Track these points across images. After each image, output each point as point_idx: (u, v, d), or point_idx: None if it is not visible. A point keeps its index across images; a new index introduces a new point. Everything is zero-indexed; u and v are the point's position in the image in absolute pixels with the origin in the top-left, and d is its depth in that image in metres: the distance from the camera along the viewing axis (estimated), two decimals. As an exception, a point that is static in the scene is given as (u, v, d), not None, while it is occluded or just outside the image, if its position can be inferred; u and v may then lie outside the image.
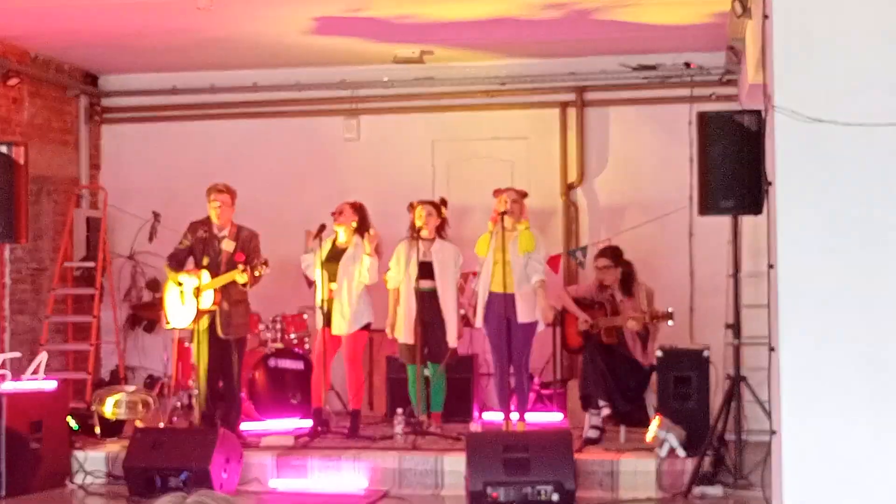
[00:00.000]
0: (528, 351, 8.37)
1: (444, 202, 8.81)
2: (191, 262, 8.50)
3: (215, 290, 8.25)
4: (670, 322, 8.19)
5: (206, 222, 8.41)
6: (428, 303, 8.50)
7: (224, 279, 8.20)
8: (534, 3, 8.42)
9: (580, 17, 8.75)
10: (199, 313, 8.19)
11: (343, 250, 8.60)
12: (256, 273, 8.21)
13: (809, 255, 5.37)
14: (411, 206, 8.66)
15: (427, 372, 8.57)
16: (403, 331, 8.54)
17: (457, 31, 9.23)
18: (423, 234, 8.52)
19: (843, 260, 5.35)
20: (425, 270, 8.49)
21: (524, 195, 8.55)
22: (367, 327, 8.66)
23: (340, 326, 8.50)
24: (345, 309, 8.50)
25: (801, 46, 5.39)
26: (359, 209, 8.67)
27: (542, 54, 10.15)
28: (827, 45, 5.37)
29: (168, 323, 8.62)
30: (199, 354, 8.23)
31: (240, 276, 8.18)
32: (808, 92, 5.36)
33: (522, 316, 8.22)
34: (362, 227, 8.61)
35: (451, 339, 8.46)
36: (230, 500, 2.22)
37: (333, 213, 8.62)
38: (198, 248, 8.33)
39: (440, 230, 8.67)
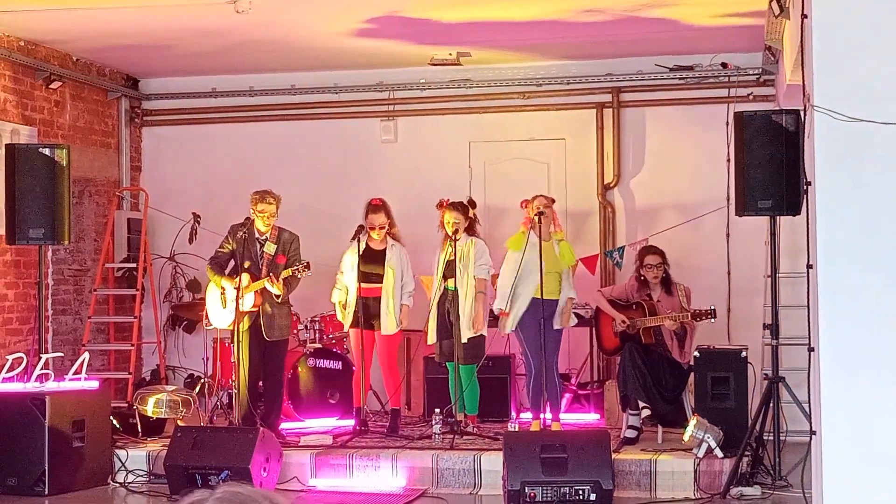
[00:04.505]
0: (558, 350, 8.45)
1: (472, 203, 8.82)
2: (231, 264, 8.58)
3: (256, 292, 8.32)
4: (712, 319, 8.18)
5: (247, 224, 8.46)
6: (452, 301, 8.52)
7: (258, 285, 8.28)
8: (571, 7, 8.43)
9: (617, 19, 8.76)
10: (240, 315, 8.27)
11: (377, 251, 8.64)
12: (299, 276, 8.29)
13: (849, 255, 5.35)
14: (440, 205, 8.68)
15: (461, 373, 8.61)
16: (431, 331, 8.58)
17: (493, 33, 9.26)
18: (456, 237, 8.53)
19: (883, 259, 5.32)
20: (452, 269, 8.52)
21: (553, 201, 8.58)
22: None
23: (389, 326, 8.57)
24: (393, 309, 8.57)
25: (841, 45, 5.38)
26: (385, 207, 8.71)
27: (578, 56, 10.16)
28: (866, 43, 5.35)
29: (209, 323, 8.71)
30: (241, 354, 8.30)
31: (271, 286, 8.24)
32: (848, 91, 5.34)
33: (561, 322, 8.33)
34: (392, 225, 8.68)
35: (464, 334, 8.43)
36: (269, 495, 2.09)
37: (372, 227, 8.61)
38: (239, 251, 8.41)
39: (470, 229, 8.68)
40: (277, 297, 8.34)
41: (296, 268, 8.30)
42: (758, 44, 9.16)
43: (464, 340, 8.42)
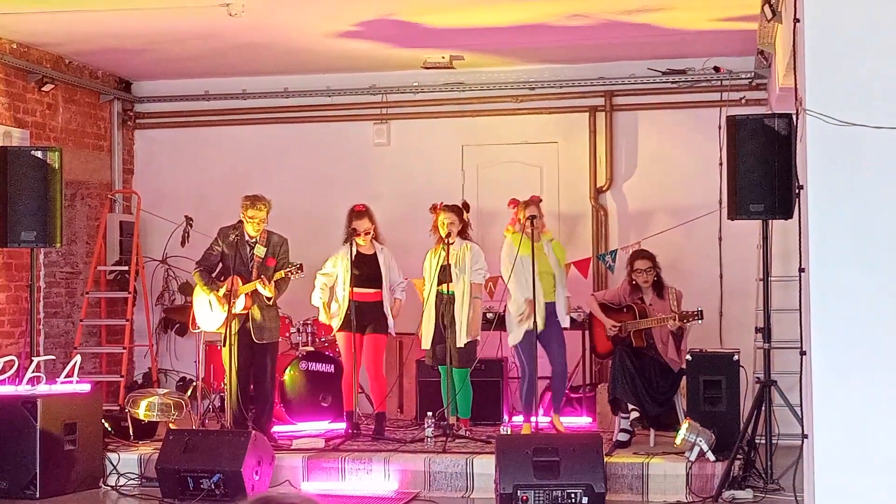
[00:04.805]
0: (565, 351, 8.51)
1: (466, 206, 8.83)
2: (220, 267, 8.57)
3: (246, 294, 8.32)
4: (699, 321, 8.19)
5: (237, 227, 8.46)
6: (448, 306, 8.51)
7: (250, 287, 8.27)
8: (560, 11, 8.44)
9: (609, 23, 8.77)
10: (230, 317, 8.26)
11: (368, 256, 8.64)
12: (292, 277, 8.29)
13: (841, 258, 5.37)
14: (434, 208, 8.68)
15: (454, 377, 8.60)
16: (425, 335, 8.58)
17: (486, 37, 9.27)
18: (450, 240, 8.53)
19: (874, 263, 5.34)
20: (446, 274, 8.52)
21: (539, 200, 8.61)
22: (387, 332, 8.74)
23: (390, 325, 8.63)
24: (388, 311, 8.61)
25: (833, 49, 5.39)
26: (369, 212, 8.71)
27: (571, 59, 10.17)
28: (858, 47, 5.37)
29: (197, 326, 8.70)
30: (230, 357, 8.29)
31: (263, 289, 8.24)
32: (840, 95, 5.35)
33: (563, 321, 8.38)
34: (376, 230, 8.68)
35: (461, 339, 8.45)
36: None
37: (357, 233, 8.59)
38: (229, 254, 8.40)
39: (462, 233, 8.69)
40: (269, 299, 8.34)
41: (289, 269, 8.30)
42: (750, 48, 9.18)
43: (460, 345, 8.42)
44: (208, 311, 8.54)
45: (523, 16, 8.62)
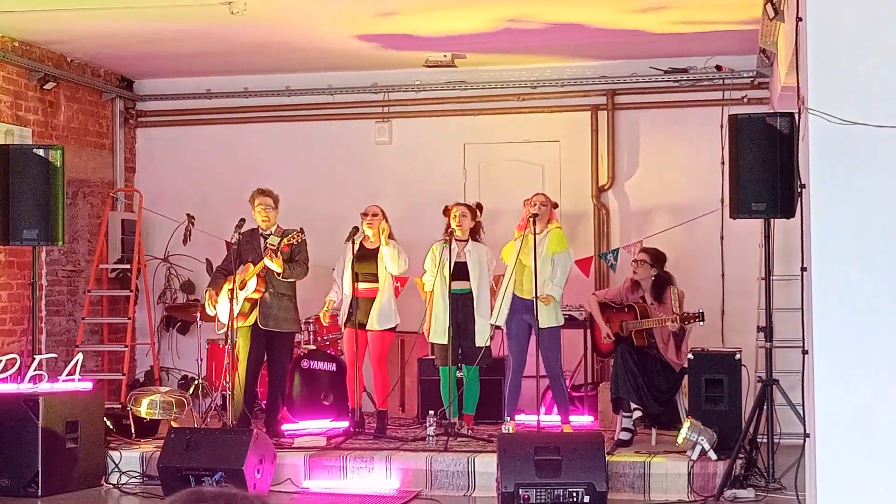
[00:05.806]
0: (559, 354, 8.42)
1: (479, 207, 8.84)
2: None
3: (258, 277, 8.33)
4: (701, 322, 8.19)
5: (242, 224, 8.49)
6: (462, 304, 8.53)
7: (259, 266, 8.31)
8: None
9: (611, 26, 8.77)
10: (244, 302, 8.28)
11: (371, 251, 8.66)
12: (295, 241, 8.32)
13: (843, 257, 5.36)
14: (447, 210, 8.69)
15: (460, 374, 8.60)
16: (436, 332, 8.58)
17: (487, 36, 9.26)
18: (457, 234, 8.54)
19: (877, 262, 5.34)
20: (459, 271, 8.53)
21: (555, 205, 8.58)
22: (392, 329, 8.71)
23: (372, 324, 8.59)
24: (380, 307, 8.58)
25: (835, 48, 5.39)
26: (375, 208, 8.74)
27: (573, 57, 10.17)
28: (860, 46, 5.37)
29: (222, 326, 8.64)
30: (240, 352, 8.29)
31: (271, 262, 8.25)
32: (842, 94, 5.35)
33: (544, 321, 8.26)
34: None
35: (480, 340, 8.48)
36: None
37: (364, 214, 8.67)
38: (244, 247, 8.41)
39: (474, 233, 8.70)
40: (279, 274, 8.33)
41: (291, 235, 8.33)
42: (752, 46, 9.17)
43: (481, 344, 8.45)
44: (227, 304, 8.49)
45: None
